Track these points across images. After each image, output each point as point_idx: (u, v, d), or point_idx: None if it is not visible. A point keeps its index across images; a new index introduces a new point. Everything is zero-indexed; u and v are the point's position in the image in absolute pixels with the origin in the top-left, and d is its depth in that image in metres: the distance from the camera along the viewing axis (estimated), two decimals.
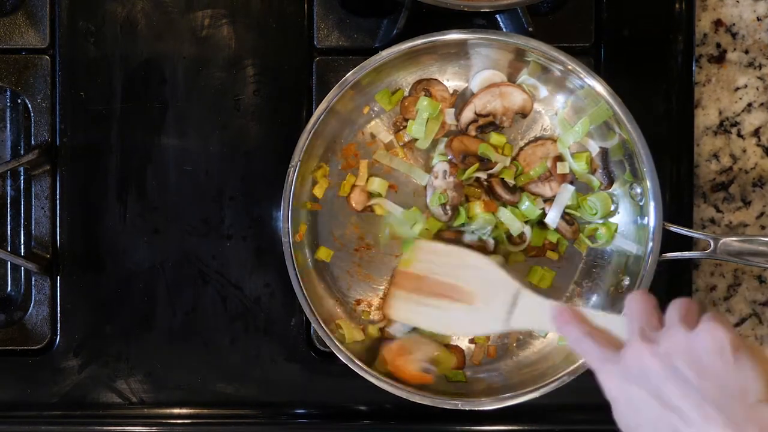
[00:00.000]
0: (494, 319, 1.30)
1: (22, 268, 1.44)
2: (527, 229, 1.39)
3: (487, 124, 1.39)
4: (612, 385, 1.11)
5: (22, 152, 1.43)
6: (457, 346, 1.40)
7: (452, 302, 1.32)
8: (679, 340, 1.07)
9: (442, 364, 1.38)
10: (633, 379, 1.08)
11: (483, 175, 1.39)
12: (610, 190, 1.39)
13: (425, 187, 1.40)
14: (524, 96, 1.38)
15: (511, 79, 1.40)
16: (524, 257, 1.41)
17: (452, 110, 1.40)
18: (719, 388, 1.03)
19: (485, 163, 1.38)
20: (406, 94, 1.40)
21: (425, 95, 1.38)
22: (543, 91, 1.40)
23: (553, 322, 1.21)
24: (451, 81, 1.41)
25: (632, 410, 1.08)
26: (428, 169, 1.40)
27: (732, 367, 1.04)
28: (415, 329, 1.39)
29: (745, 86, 1.48)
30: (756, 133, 1.49)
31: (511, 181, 1.39)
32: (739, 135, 1.48)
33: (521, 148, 1.40)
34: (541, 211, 1.39)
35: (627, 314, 1.14)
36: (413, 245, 1.37)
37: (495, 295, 1.30)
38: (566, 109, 1.39)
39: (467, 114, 1.39)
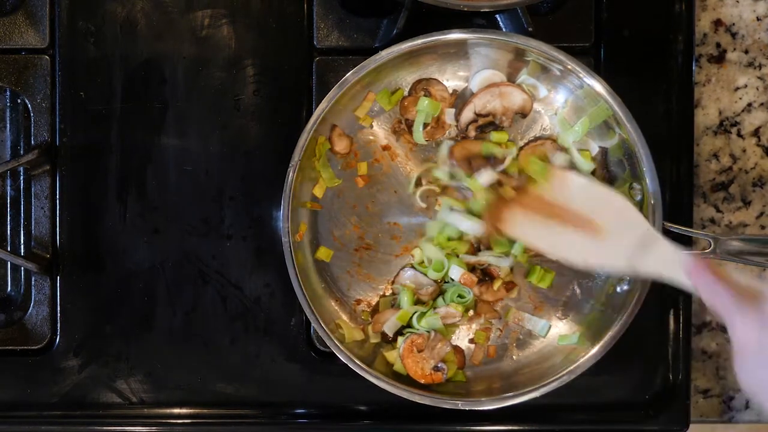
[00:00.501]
0: (618, 256, 1.29)
1: (22, 268, 1.44)
2: None
3: (487, 124, 1.39)
4: (747, 332, 1.11)
5: (22, 152, 1.43)
6: (457, 346, 1.40)
7: (577, 230, 1.31)
8: None
9: (450, 363, 1.38)
10: None
11: (494, 176, 1.38)
12: None
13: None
14: (524, 96, 1.38)
15: (511, 78, 1.40)
16: (527, 257, 1.41)
17: (452, 110, 1.40)
18: None
19: (492, 161, 1.38)
20: (405, 94, 1.40)
21: (425, 95, 1.38)
22: (543, 91, 1.40)
23: (688, 272, 1.21)
24: (451, 81, 1.41)
25: (763, 357, 1.09)
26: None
27: None
28: (408, 328, 1.39)
29: (745, 86, 1.48)
30: (756, 133, 1.49)
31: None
32: (739, 135, 1.48)
33: (521, 148, 1.40)
34: None
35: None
36: (550, 172, 1.35)
37: (625, 232, 1.29)
38: (566, 108, 1.39)
39: (467, 114, 1.39)
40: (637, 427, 1.46)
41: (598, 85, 1.33)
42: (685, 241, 1.37)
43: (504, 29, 1.41)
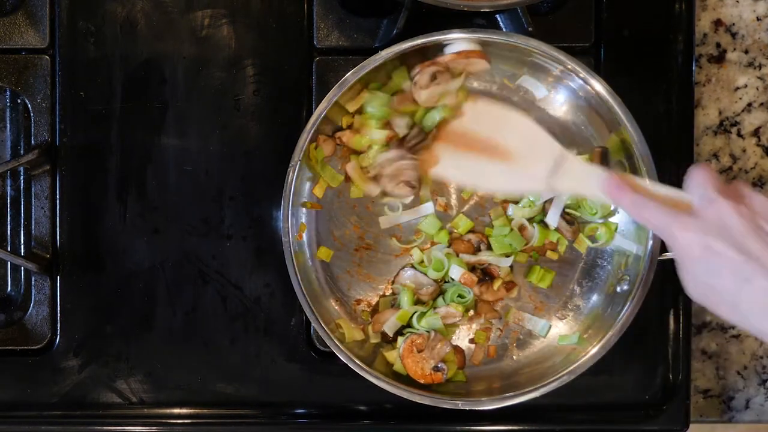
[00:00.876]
0: (534, 179, 1.29)
1: (22, 268, 1.44)
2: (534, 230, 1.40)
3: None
4: (687, 237, 1.13)
5: (22, 152, 1.43)
6: (457, 346, 1.40)
7: (493, 159, 1.31)
8: (760, 201, 1.12)
9: (450, 363, 1.38)
10: (713, 231, 1.11)
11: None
12: None
13: None
14: (487, 65, 1.37)
15: (512, 80, 1.40)
16: (527, 257, 1.41)
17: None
18: None
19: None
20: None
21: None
22: (542, 91, 1.40)
23: (604, 189, 1.22)
24: None
25: (709, 264, 1.11)
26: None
27: None
28: (408, 327, 1.39)
29: (745, 86, 1.48)
30: (756, 132, 1.49)
31: None
32: (739, 135, 1.48)
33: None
34: (540, 207, 1.39)
35: (693, 182, 1.17)
36: (462, 102, 1.36)
37: (537, 155, 1.29)
38: (565, 107, 1.39)
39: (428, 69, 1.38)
40: (637, 427, 1.46)
41: (598, 86, 1.33)
42: None
43: (504, 29, 1.41)
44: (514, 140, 1.31)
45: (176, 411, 1.44)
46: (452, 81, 1.35)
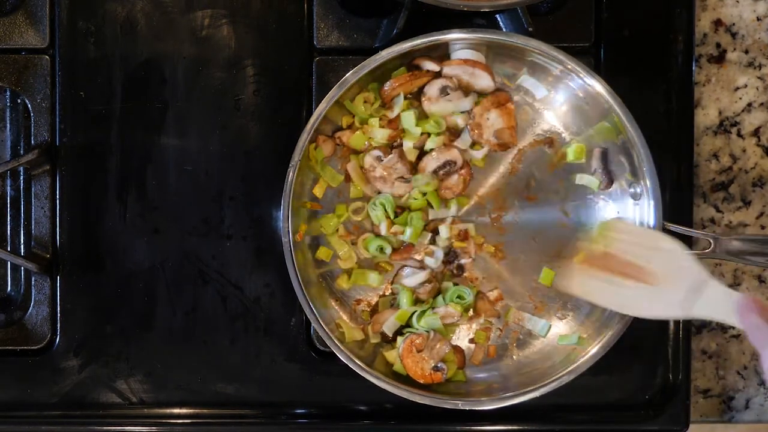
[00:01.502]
0: (674, 303, 1.28)
1: (22, 268, 1.44)
2: None
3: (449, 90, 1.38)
4: None
5: (22, 152, 1.43)
6: (457, 346, 1.40)
7: (635, 282, 1.31)
8: None
9: (449, 363, 1.38)
10: None
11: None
12: (610, 189, 1.39)
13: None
14: (491, 83, 1.37)
15: (512, 80, 1.40)
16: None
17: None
18: None
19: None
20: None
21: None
22: (542, 91, 1.40)
23: (737, 312, 1.22)
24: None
25: None
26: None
27: None
28: (408, 327, 1.39)
29: (745, 86, 1.48)
30: (756, 132, 1.49)
31: None
32: (739, 135, 1.48)
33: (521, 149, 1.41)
34: None
35: None
36: (606, 223, 1.37)
37: (680, 280, 1.28)
38: (565, 107, 1.40)
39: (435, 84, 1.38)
40: (637, 427, 1.46)
41: (598, 85, 1.33)
42: (685, 241, 1.37)
43: (504, 29, 1.41)
44: (660, 263, 1.30)
45: (176, 411, 1.45)
46: (464, 99, 1.36)
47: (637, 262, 1.31)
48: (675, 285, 1.29)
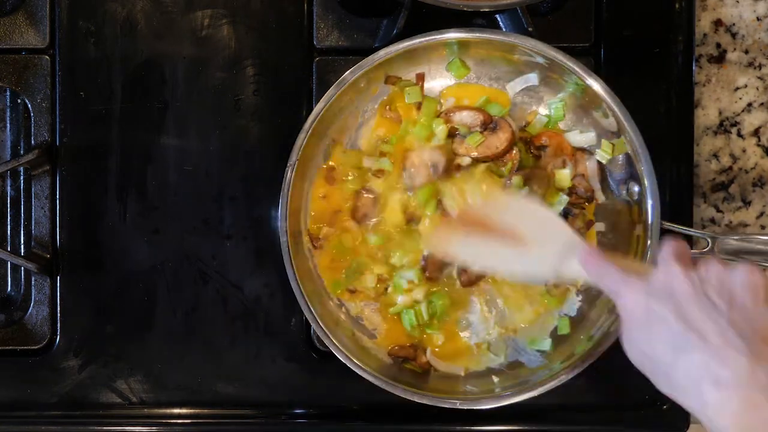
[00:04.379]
0: (544, 264, 1.28)
1: (22, 268, 1.44)
2: None
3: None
4: (633, 301, 1.11)
5: (22, 152, 1.43)
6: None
7: (502, 243, 1.30)
8: (715, 270, 1.09)
9: None
10: (658, 296, 1.09)
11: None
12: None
13: None
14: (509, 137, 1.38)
15: (511, 80, 1.40)
16: None
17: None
18: (746, 320, 1.04)
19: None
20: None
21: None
22: (542, 91, 1.40)
23: (580, 260, 1.22)
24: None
25: (648, 327, 1.09)
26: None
27: (762, 308, 1.06)
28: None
29: (745, 86, 1.48)
30: (756, 133, 1.49)
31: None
32: (739, 135, 1.48)
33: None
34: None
35: (660, 252, 1.14)
36: (491, 192, 1.37)
37: (548, 241, 1.28)
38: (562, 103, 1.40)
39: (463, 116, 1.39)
40: (637, 427, 1.46)
41: (598, 85, 1.33)
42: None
43: (504, 29, 1.41)
44: (527, 226, 1.30)
45: (176, 411, 1.44)
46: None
47: (510, 227, 1.31)
48: (545, 248, 1.28)
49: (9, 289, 1.46)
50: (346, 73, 1.32)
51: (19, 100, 1.43)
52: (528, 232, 1.29)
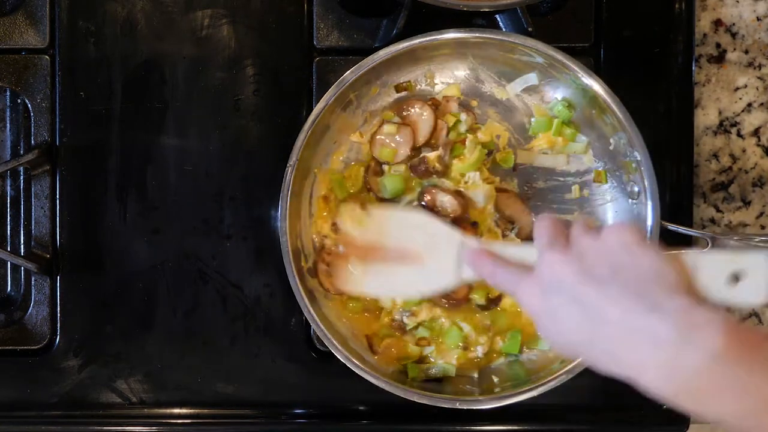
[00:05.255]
0: (444, 274, 1.28)
1: (22, 268, 1.44)
2: None
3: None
4: (531, 299, 1.12)
5: (22, 152, 1.43)
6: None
7: (401, 265, 1.31)
8: (586, 244, 1.10)
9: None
10: (550, 288, 1.10)
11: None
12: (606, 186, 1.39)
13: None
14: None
15: (511, 80, 1.40)
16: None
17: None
18: (634, 278, 1.05)
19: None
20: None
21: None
22: (541, 90, 1.40)
23: (467, 262, 1.23)
24: (448, 80, 1.41)
25: (555, 319, 1.10)
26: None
27: (641, 258, 1.06)
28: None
29: (745, 86, 1.48)
30: (756, 133, 1.49)
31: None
32: (739, 135, 1.48)
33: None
34: None
35: (535, 235, 1.16)
36: (353, 212, 1.36)
37: (441, 250, 1.28)
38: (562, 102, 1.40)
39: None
40: (637, 427, 1.46)
41: (597, 85, 1.33)
42: (684, 241, 1.37)
43: (504, 29, 1.41)
44: (418, 240, 1.30)
45: (176, 411, 1.44)
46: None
47: (395, 245, 1.31)
48: (438, 256, 1.28)
49: (9, 289, 1.46)
50: (346, 73, 1.32)
51: (19, 100, 1.43)
52: (419, 246, 1.30)
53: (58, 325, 1.44)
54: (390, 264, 1.31)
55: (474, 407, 1.34)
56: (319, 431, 1.47)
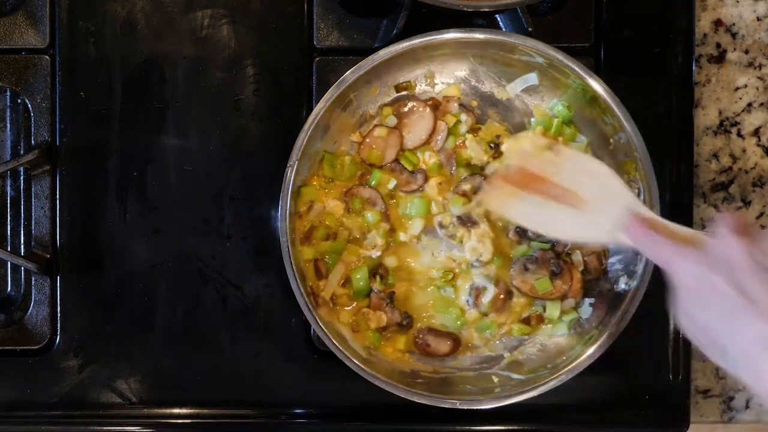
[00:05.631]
0: (602, 229, 1.27)
1: (22, 268, 1.44)
2: None
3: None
4: (688, 270, 1.10)
5: (22, 152, 1.43)
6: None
7: (562, 205, 1.29)
8: None
9: None
10: (716, 266, 1.08)
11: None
12: None
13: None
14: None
15: (511, 80, 1.40)
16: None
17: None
18: None
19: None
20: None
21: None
22: (541, 91, 1.40)
23: (627, 231, 1.21)
24: (448, 79, 1.41)
25: (704, 297, 1.08)
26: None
27: None
28: None
29: (745, 86, 1.48)
30: (756, 133, 1.49)
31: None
32: (739, 135, 1.48)
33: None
34: None
35: (720, 220, 1.13)
36: (521, 138, 1.36)
37: (608, 204, 1.27)
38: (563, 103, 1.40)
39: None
40: (637, 428, 1.46)
41: (597, 85, 1.33)
42: None
43: (504, 29, 1.41)
44: (588, 187, 1.29)
45: (176, 411, 1.45)
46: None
47: (568, 186, 1.30)
48: (602, 209, 1.28)
49: (9, 289, 1.46)
50: (347, 73, 1.32)
51: (19, 100, 1.43)
52: (587, 191, 1.28)
53: (58, 325, 1.44)
54: (550, 199, 1.30)
55: (474, 407, 1.34)
56: (319, 431, 1.47)
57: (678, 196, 1.44)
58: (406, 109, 1.40)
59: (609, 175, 1.30)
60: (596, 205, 1.28)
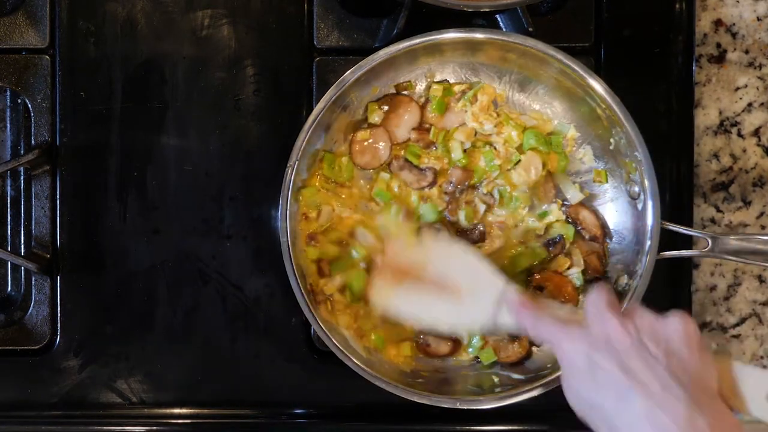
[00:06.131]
0: (479, 315, 1.28)
1: (22, 268, 1.44)
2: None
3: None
4: (574, 350, 1.13)
5: (22, 152, 1.43)
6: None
7: (438, 296, 1.30)
8: (649, 320, 1.11)
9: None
10: (598, 346, 1.10)
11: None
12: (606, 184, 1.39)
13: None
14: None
15: (511, 81, 1.40)
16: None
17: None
18: (682, 369, 1.07)
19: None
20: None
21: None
22: (541, 92, 1.40)
23: (512, 309, 1.23)
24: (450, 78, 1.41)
25: (591, 377, 1.11)
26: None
27: (696, 358, 1.08)
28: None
29: (745, 86, 1.48)
30: (756, 132, 1.49)
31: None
32: (739, 135, 1.48)
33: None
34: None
35: (588, 300, 1.17)
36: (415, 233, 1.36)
37: (482, 291, 1.29)
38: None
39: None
40: None
41: (598, 85, 1.33)
42: (684, 241, 1.37)
43: (504, 29, 1.41)
44: (461, 274, 1.30)
45: (176, 411, 1.44)
46: None
47: (437, 274, 1.31)
48: (480, 298, 1.28)
49: (9, 289, 1.46)
50: (346, 73, 1.32)
51: (19, 100, 1.43)
52: (461, 281, 1.30)
53: (58, 325, 1.44)
54: (424, 289, 1.31)
55: (474, 407, 1.34)
56: (319, 431, 1.47)
57: (678, 196, 1.44)
58: (389, 105, 1.39)
59: (478, 261, 1.31)
60: (470, 292, 1.29)
